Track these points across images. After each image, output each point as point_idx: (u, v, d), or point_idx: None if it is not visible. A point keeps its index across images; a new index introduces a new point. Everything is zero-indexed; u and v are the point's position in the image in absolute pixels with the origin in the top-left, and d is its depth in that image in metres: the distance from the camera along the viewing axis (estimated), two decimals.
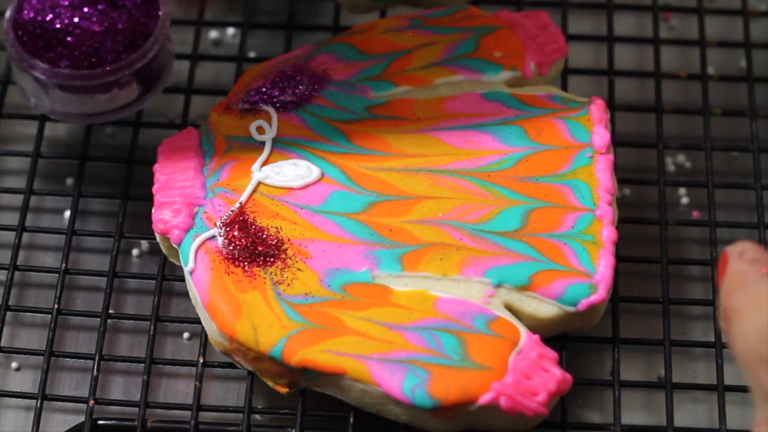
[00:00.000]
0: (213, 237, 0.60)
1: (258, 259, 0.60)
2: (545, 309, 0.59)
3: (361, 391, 0.58)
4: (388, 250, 0.60)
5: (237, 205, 0.61)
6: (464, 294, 0.59)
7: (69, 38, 0.65)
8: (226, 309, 0.59)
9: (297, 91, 0.65)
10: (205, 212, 0.61)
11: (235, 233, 0.60)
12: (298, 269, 0.60)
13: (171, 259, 0.63)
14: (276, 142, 0.63)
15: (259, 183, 0.62)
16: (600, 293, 0.59)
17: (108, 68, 0.64)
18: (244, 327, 0.58)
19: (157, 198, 0.62)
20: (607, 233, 0.60)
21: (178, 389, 0.63)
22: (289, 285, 0.59)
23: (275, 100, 0.64)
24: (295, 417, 0.60)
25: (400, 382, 0.57)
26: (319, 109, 0.64)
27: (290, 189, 0.62)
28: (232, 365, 0.61)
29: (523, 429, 0.58)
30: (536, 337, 0.58)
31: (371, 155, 0.63)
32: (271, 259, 0.60)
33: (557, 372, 0.57)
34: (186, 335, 0.65)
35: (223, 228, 0.61)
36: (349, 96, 0.64)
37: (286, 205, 0.61)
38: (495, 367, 0.57)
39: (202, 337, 0.61)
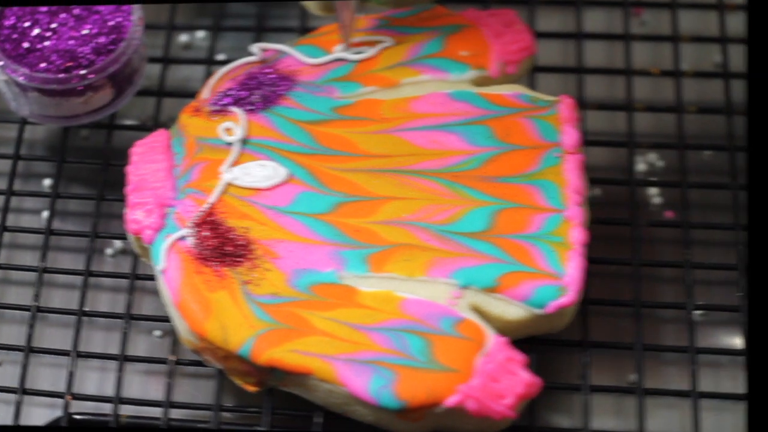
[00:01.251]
0: (183, 237, 0.61)
1: (227, 259, 0.60)
2: (512, 311, 0.59)
3: (327, 392, 0.58)
4: (354, 251, 0.60)
5: (206, 205, 0.62)
6: (430, 295, 0.59)
7: (47, 43, 0.66)
8: (196, 308, 0.59)
9: (265, 92, 0.65)
10: (176, 213, 0.62)
11: (205, 233, 0.61)
12: (266, 269, 0.60)
13: (143, 259, 0.64)
14: (244, 143, 0.64)
15: (228, 184, 0.62)
16: (569, 295, 0.58)
17: (83, 72, 0.65)
18: (213, 326, 0.59)
19: (130, 199, 0.63)
20: (576, 234, 0.60)
21: (150, 386, 0.64)
22: (257, 285, 0.60)
23: (243, 101, 0.65)
24: (263, 415, 0.60)
25: (366, 383, 0.57)
26: (286, 110, 0.64)
27: (258, 190, 0.62)
28: (202, 363, 0.61)
29: None
30: (504, 339, 0.58)
31: (338, 156, 0.63)
32: (240, 259, 0.60)
33: (525, 375, 0.57)
34: (158, 333, 0.66)
35: (193, 228, 0.61)
36: (315, 97, 0.64)
37: (254, 206, 0.62)
38: (461, 369, 0.57)
39: (174, 335, 0.62)
